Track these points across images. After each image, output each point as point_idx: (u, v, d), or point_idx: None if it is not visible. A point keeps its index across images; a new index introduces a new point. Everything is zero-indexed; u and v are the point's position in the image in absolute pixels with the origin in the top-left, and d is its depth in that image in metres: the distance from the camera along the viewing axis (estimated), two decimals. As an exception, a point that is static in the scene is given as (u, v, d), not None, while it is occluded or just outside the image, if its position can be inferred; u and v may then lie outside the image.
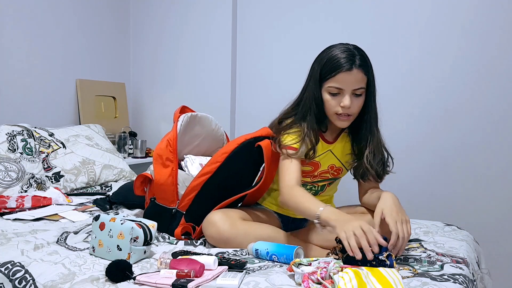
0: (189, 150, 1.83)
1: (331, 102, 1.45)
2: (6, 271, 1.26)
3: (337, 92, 1.43)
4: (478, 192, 2.42)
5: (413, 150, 2.54)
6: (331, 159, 1.58)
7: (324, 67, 1.44)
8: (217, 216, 1.47)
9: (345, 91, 1.42)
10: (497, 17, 2.33)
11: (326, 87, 1.44)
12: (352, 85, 1.41)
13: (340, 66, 1.40)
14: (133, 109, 3.38)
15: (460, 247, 1.51)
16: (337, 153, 1.59)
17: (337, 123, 1.49)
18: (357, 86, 1.42)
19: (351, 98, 1.42)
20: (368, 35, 2.60)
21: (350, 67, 1.39)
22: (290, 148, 1.48)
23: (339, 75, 1.40)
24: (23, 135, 2.25)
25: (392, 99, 2.54)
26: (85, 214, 1.85)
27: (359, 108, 1.47)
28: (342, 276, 1.07)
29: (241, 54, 3.04)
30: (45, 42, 2.72)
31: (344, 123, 1.48)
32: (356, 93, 1.43)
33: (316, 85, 1.46)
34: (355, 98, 1.43)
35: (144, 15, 3.30)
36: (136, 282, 1.16)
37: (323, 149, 1.55)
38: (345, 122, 1.48)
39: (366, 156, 1.51)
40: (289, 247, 1.35)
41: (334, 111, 1.46)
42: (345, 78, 1.40)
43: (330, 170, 1.60)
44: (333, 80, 1.42)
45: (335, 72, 1.40)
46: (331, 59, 1.42)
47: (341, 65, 1.40)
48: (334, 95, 1.44)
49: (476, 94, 2.40)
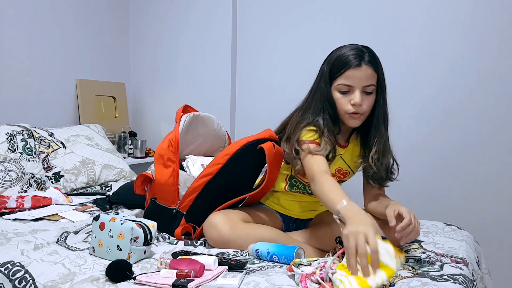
0: (191, 150, 1.83)
1: (341, 100, 1.42)
2: (6, 271, 1.26)
3: (347, 90, 1.41)
4: (478, 192, 2.42)
5: (413, 150, 2.54)
6: (339, 162, 1.56)
7: (333, 66, 1.42)
8: (218, 218, 1.46)
9: (355, 87, 1.40)
10: (497, 17, 2.33)
11: (335, 86, 1.43)
12: (361, 82, 1.39)
13: (348, 62, 1.38)
14: (133, 109, 3.38)
15: (459, 247, 1.51)
16: (346, 158, 1.57)
17: (349, 122, 1.45)
18: (367, 83, 1.39)
19: (362, 96, 1.40)
20: (368, 35, 2.60)
21: (359, 63, 1.38)
22: (312, 143, 1.42)
23: (348, 71, 1.39)
24: (23, 135, 2.25)
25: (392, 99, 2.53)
26: (85, 214, 1.85)
27: (371, 107, 1.44)
28: (341, 280, 1.06)
29: (241, 54, 3.04)
30: (45, 42, 2.73)
31: (356, 122, 1.44)
32: (366, 90, 1.41)
33: (327, 85, 1.44)
34: (365, 96, 1.41)
35: (144, 15, 3.30)
36: (136, 282, 1.16)
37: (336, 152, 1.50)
38: (357, 121, 1.44)
39: (372, 156, 1.48)
40: (290, 247, 1.35)
41: (345, 110, 1.43)
42: (354, 74, 1.38)
43: (337, 173, 1.58)
44: (342, 77, 1.40)
45: (344, 69, 1.39)
46: (340, 57, 1.41)
47: (349, 61, 1.38)
48: (344, 93, 1.42)
49: (476, 94, 2.40)
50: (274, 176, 1.58)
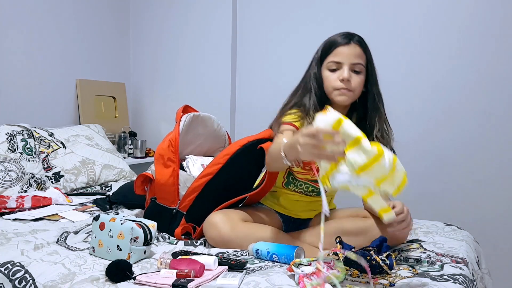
0: (191, 150, 1.83)
1: (330, 78, 1.47)
2: (6, 271, 1.26)
3: (336, 68, 1.46)
4: (478, 192, 2.42)
5: (413, 150, 2.54)
6: None
7: (323, 48, 1.50)
8: (218, 217, 1.46)
9: (343, 64, 1.45)
10: (497, 16, 2.33)
11: (325, 64, 1.49)
12: (350, 58, 1.44)
13: (337, 41, 1.47)
14: (133, 109, 3.38)
15: (459, 247, 1.51)
16: None
17: (337, 98, 1.48)
18: (356, 61, 1.45)
19: (350, 73, 1.45)
20: (368, 35, 2.58)
21: (348, 41, 1.46)
22: (291, 124, 1.46)
23: (337, 48, 1.46)
24: (23, 135, 2.25)
25: (392, 98, 2.53)
26: (85, 214, 1.85)
27: (360, 86, 1.48)
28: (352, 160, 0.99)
29: (241, 54, 3.04)
30: (45, 42, 2.72)
31: (343, 98, 1.47)
32: (355, 69, 1.46)
33: (318, 67, 1.50)
34: (354, 74, 1.46)
35: (144, 15, 3.30)
36: (136, 282, 1.16)
37: None
38: (345, 97, 1.47)
39: (375, 134, 1.50)
40: (290, 247, 1.35)
41: (334, 86, 1.46)
42: (343, 51, 1.45)
43: None
44: (331, 55, 1.47)
45: (334, 47, 1.47)
46: (329, 39, 1.50)
47: (338, 41, 1.47)
48: (333, 70, 1.47)
49: (476, 94, 2.40)
50: (274, 176, 1.59)
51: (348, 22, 2.67)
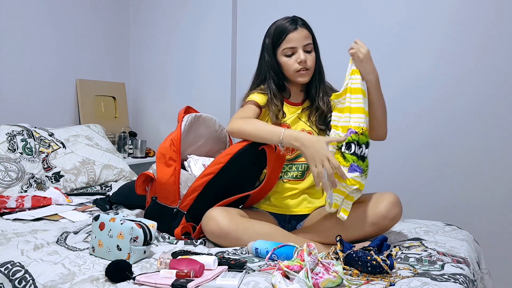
0: (192, 151, 1.83)
1: (288, 62, 1.63)
2: (6, 271, 1.26)
3: (291, 53, 1.62)
4: (478, 192, 2.42)
5: (413, 150, 2.54)
6: (300, 124, 1.68)
7: (274, 36, 1.64)
8: (217, 211, 1.48)
9: (297, 47, 1.61)
10: (497, 16, 2.33)
11: (280, 51, 1.64)
12: (301, 42, 1.61)
13: (286, 28, 1.62)
14: (133, 109, 3.38)
15: (461, 247, 1.51)
16: (304, 118, 1.69)
17: (298, 79, 1.65)
18: (306, 42, 1.62)
19: (305, 54, 1.61)
20: (368, 35, 2.59)
21: (296, 27, 1.61)
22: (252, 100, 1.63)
23: (289, 35, 1.61)
24: (23, 135, 2.25)
25: (392, 98, 2.53)
26: (85, 214, 1.84)
27: (314, 63, 1.65)
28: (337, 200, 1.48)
29: (241, 54, 3.04)
30: (45, 42, 2.72)
31: (305, 77, 1.64)
32: (306, 49, 1.62)
33: (270, 54, 1.65)
34: (307, 54, 1.63)
35: (144, 15, 3.30)
36: (136, 282, 1.16)
37: (290, 112, 1.67)
38: (306, 77, 1.64)
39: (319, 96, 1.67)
40: (290, 247, 1.34)
41: (294, 69, 1.62)
42: (294, 36, 1.61)
43: None
44: (284, 42, 1.62)
45: (285, 35, 1.61)
46: (278, 27, 1.64)
47: (287, 27, 1.62)
48: (289, 56, 1.63)
49: (476, 94, 2.40)
50: (275, 176, 1.59)
51: (348, 22, 2.67)
